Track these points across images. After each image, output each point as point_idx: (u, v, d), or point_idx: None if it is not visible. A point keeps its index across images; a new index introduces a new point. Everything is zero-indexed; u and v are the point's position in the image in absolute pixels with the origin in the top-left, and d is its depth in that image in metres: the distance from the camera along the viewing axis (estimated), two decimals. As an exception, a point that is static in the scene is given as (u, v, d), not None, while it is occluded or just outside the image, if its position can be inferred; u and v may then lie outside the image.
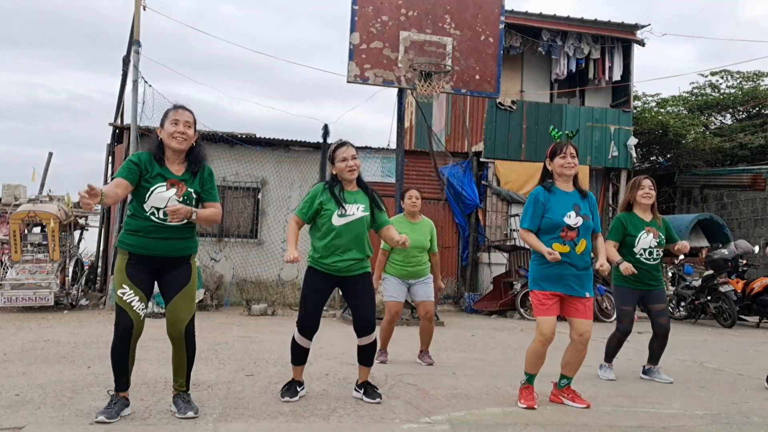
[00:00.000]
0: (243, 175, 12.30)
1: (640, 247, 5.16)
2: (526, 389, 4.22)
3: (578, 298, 4.15)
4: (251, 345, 6.69)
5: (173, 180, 3.59)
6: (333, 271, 4.11)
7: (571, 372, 4.29)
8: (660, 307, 5.27)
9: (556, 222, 4.14)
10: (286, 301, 11.79)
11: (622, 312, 5.32)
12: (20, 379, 4.61)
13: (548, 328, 4.09)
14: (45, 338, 6.83)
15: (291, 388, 4.19)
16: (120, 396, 3.61)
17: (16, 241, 9.95)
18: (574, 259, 4.14)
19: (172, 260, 3.63)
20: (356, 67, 9.44)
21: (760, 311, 10.46)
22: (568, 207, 4.17)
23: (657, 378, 5.26)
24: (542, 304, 4.15)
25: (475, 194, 13.08)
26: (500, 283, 11.92)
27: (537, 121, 13.63)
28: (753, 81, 20.42)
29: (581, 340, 4.15)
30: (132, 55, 11.14)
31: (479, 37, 9.97)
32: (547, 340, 4.10)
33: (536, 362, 4.18)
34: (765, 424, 3.93)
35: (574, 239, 4.14)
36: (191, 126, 3.66)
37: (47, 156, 13.83)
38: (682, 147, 17.44)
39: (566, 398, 4.28)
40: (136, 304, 3.52)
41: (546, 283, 4.16)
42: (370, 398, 4.13)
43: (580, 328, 4.15)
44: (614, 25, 13.87)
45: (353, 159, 4.14)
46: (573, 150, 4.21)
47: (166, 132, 3.59)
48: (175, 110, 3.63)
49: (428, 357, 5.81)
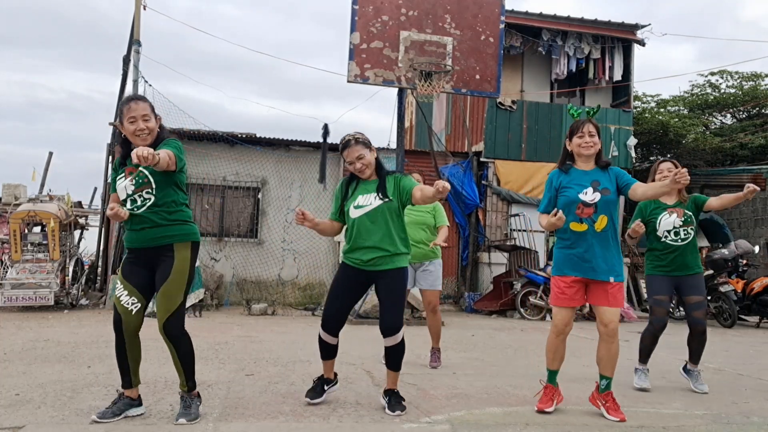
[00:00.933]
0: (243, 175, 12.29)
1: (663, 230, 4.79)
2: (546, 389, 4.01)
3: (602, 283, 3.85)
4: (251, 345, 6.69)
5: (129, 168, 3.53)
6: (359, 265, 3.93)
7: (606, 370, 3.95)
8: (695, 299, 4.81)
9: (570, 199, 3.87)
10: (286, 301, 11.79)
11: (654, 302, 4.83)
12: (20, 378, 4.61)
13: (561, 319, 3.88)
14: (45, 338, 6.83)
15: (317, 388, 4.06)
16: (125, 396, 3.58)
17: (16, 241, 9.95)
18: (594, 237, 3.83)
19: (155, 251, 3.52)
20: (356, 67, 9.44)
21: (760, 311, 10.47)
22: (585, 184, 3.90)
23: (693, 384, 4.88)
24: (562, 293, 3.90)
25: (475, 194, 13.08)
26: (500, 283, 11.92)
27: (537, 121, 13.63)
28: (753, 81, 20.41)
29: (608, 331, 3.85)
30: (132, 54, 11.15)
31: (479, 37, 9.96)
32: (560, 331, 3.89)
33: (553, 356, 3.98)
34: (765, 424, 3.93)
35: (591, 216, 3.84)
36: (149, 118, 3.52)
37: (47, 156, 13.84)
38: (682, 147, 17.45)
39: (603, 405, 3.95)
40: (124, 299, 3.50)
41: (567, 267, 3.89)
42: (391, 410, 3.85)
43: (604, 317, 3.85)
44: (614, 25, 13.87)
45: (359, 160, 3.93)
46: (592, 128, 3.93)
47: (128, 131, 3.51)
48: (128, 106, 3.50)
49: (436, 359, 5.57)
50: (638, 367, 4.98)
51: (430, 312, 5.56)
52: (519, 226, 13.24)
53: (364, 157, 3.94)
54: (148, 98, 3.68)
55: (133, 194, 3.51)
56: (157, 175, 3.49)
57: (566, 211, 3.85)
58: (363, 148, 3.95)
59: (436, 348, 5.64)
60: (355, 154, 3.93)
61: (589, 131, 3.92)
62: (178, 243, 3.54)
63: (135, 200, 3.51)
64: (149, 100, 3.67)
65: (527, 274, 11.19)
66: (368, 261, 3.90)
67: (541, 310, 11.03)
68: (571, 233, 3.90)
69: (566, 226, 3.86)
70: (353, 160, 3.93)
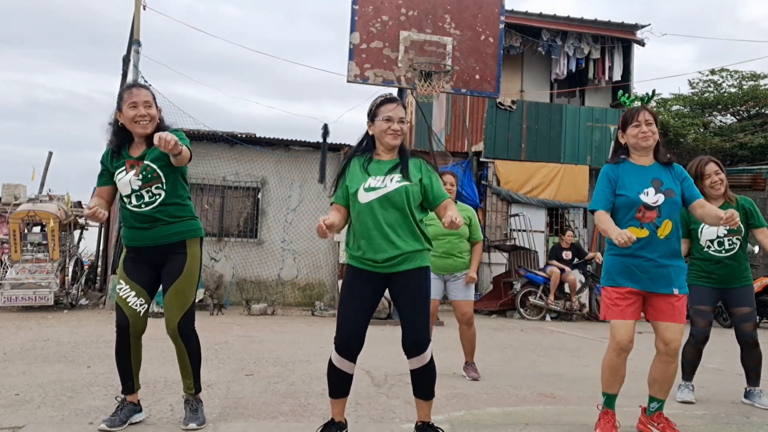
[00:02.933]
0: (243, 175, 12.29)
1: (705, 239, 4.39)
2: (605, 416, 3.48)
3: (664, 296, 3.37)
4: (251, 345, 6.69)
5: (130, 161, 3.34)
6: (371, 267, 3.13)
7: (661, 393, 3.53)
8: (743, 311, 4.38)
9: (630, 200, 3.37)
10: (286, 301, 11.80)
11: (696, 312, 4.40)
12: (20, 378, 4.60)
13: (624, 333, 3.33)
14: (45, 338, 6.83)
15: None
16: (128, 401, 3.43)
17: (16, 241, 9.95)
18: (657, 245, 3.34)
19: (164, 249, 3.36)
20: (356, 67, 9.44)
21: (760, 311, 10.46)
22: (645, 183, 3.39)
23: (757, 403, 4.38)
24: (615, 305, 3.37)
25: (475, 194, 13.08)
26: (500, 283, 11.94)
27: (537, 121, 13.63)
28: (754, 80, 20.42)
29: (668, 350, 3.40)
30: (132, 54, 11.14)
31: (479, 37, 9.97)
32: (622, 348, 3.35)
33: (612, 377, 3.44)
34: (765, 424, 3.93)
35: (654, 221, 3.34)
36: (151, 105, 3.35)
37: (47, 156, 13.84)
38: (682, 147, 17.45)
39: (656, 428, 3.55)
40: (131, 300, 3.32)
41: (621, 277, 3.38)
42: None
43: (667, 335, 3.37)
44: (614, 25, 13.88)
45: (401, 122, 3.19)
46: (649, 116, 3.42)
47: (126, 117, 3.30)
48: (130, 91, 3.33)
49: (474, 370, 5.14)
50: (682, 384, 4.55)
51: (465, 324, 5.19)
52: (519, 226, 13.25)
53: (405, 122, 3.25)
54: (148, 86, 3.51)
55: (140, 190, 3.31)
56: (166, 169, 3.32)
57: (623, 214, 3.40)
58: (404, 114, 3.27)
59: (470, 362, 5.24)
60: (400, 113, 3.20)
61: (645, 119, 3.42)
62: (190, 239, 3.41)
63: (141, 196, 3.31)
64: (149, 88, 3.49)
65: (527, 274, 11.20)
66: (384, 260, 3.09)
67: (540, 311, 11.03)
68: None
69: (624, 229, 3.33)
70: (395, 118, 3.17)
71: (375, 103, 3.25)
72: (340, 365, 3.12)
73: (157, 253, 3.38)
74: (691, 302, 4.33)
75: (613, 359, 3.40)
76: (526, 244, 12.85)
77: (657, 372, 3.50)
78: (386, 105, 3.20)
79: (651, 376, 3.55)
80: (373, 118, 3.22)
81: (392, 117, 3.16)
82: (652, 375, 3.55)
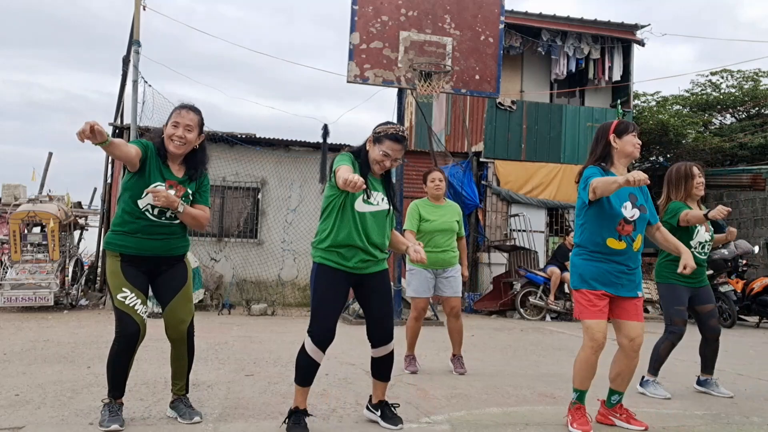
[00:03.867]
0: (243, 175, 12.30)
1: (696, 241, 4.64)
2: (577, 410, 3.61)
3: (629, 299, 3.63)
4: (251, 345, 6.69)
5: (172, 181, 3.48)
6: (348, 269, 3.45)
7: (621, 386, 3.74)
8: (709, 308, 4.73)
9: (614, 212, 3.54)
10: (286, 301, 11.80)
11: (675, 312, 4.66)
12: (20, 378, 4.61)
13: (600, 331, 3.52)
14: (45, 338, 6.83)
15: (299, 421, 3.37)
16: (116, 402, 3.45)
17: (15, 241, 9.95)
18: (631, 256, 3.59)
19: (166, 260, 3.53)
20: (356, 67, 9.43)
21: (760, 311, 10.47)
22: (624, 197, 3.57)
23: (715, 391, 4.73)
24: (593, 305, 3.55)
25: (475, 194, 13.08)
26: (500, 283, 11.93)
27: (537, 121, 13.63)
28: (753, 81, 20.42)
29: (632, 346, 3.62)
30: (132, 54, 11.13)
31: (479, 37, 9.96)
32: (600, 346, 3.55)
33: (587, 374, 3.60)
34: (765, 424, 3.93)
35: (630, 234, 3.56)
36: (192, 129, 3.49)
37: (47, 156, 13.85)
38: (682, 147, 17.46)
39: (618, 419, 3.74)
40: (139, 308, 3.36)
41: (597, 282, 3.57)
42: (390, 423, 3.51)
43: (631, 331, 3.61)
44: (614, 25, 13.88)
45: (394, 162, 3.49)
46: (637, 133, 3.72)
47: (166, 133, 3.47)
48: (179, 111, 3.48)
49: (461, 365, 5.36)
50: (650, 379, 4.75)
51: (453, 317, 5.41)
52: (519, 227, 13.25)
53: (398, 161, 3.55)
54: (200, 111, 3.60)
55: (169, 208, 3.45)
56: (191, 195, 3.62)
57: (606, 225, 3.55)
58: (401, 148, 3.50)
59: (458, 355, 5.45)
60: (399, 154, 3.47)
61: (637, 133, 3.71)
62: (185, 252, 3.71)
63: (164, 211, 3.44)
64: (201, 113, 3.58)
65: (527, 274, 11.20)
66: (356, 263, 3.45)
67: (540, 311, 11.03)
68: (607, 249, 3.57)
69: (602, 241, 3.56)
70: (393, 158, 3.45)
71: (386, 132, 3.45)
72: (313, 355, 3.39)
73: (157, 263, 3.52)
74: (670, 302, 4.70)
75: (589, 357, 3.57)
76: (526, 244, 12.85)
77: (621, 366, 3.70)
78: (393, 143, 3.43)
79: (614, 370, 3.74)
80: (377, 141, 3.46)
81: (391, 155, 3.44)
82: (615, 369, 3.73)
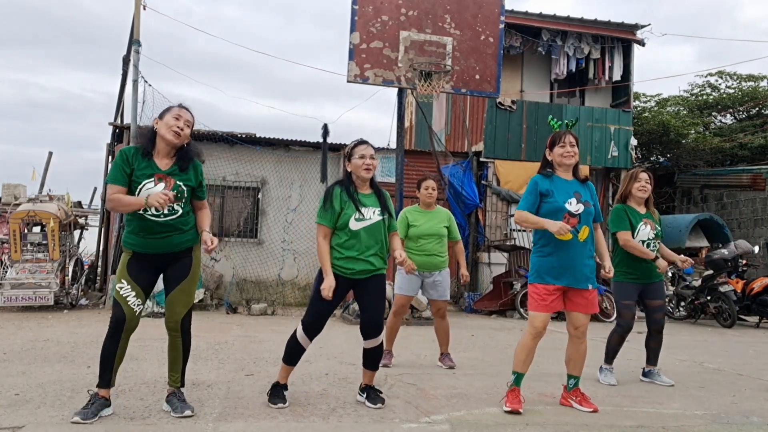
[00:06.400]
0: (243, 175, 12.30)
1: (638, 239, 5.02)
2: (512, 392, 4.05)
3: (581, 291, 4.06)
4: (251, 344, 6.69)
5: (160, 174, 3.59)
6: (349, 275, 3.97)
7: (575, 370, 4.22)
8: (658, 303, 5.17)
9: (557, 207, 4.01)
10: (286, 301, 11.80)
11: (623, 306, 5.14)
12: (20, 378, 4.61)
13: (542, 322, 4.01)
14: (45, 338, 6.83)
15: (279, 393, 4.01)
16: (100, 396, 3.57)
17: (15, 241, 9.94)
18: (578, 247, 4.02)
19: (171, 255, 3.68)
20: (356, 67, 9.43)
21: (760, 311, 10.47)
22: (569, 194, 4.06)
23: (657, 380, 5.16)
24: (542, 300, 4.02)
25: (475, 194, 13.08)
26: (500, 283, 11.92)
27: (537, 120, 13.63)
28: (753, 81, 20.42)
29: (577, 333, 4.12)
30: (132, 54, 11.14)
31: (479, 37, 9.97)
32: (539, 333, 4.02)
33: (526, 358, 4.05)
34: (765, 424, 3.94)
35: (575, 226, 4.01)
36: (190, 126, 3.71)
37: (47, 155, 13.84)
38: (682, 147, 17.46)
39: (575, 401, 4.17)
40: (131, 299, 3.55)
41: (549, 276, 4.03)
42: (372, 403, 4.02)
43: (576, 320, 4.10)
44: (614, 25, 13.87)
45: (371, 158, 4.02)
46: (572, 139, 4.12)
47: (165, 124, 3.60)
48: (180, 108, 3.70)
49: (449, 359, 5.63)
50: (605, 367, 5.21)
51: (440, 317, 5.64)
52: (519, 227, 13.25)
53: (376, 158, 4.07)
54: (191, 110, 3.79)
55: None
56: (189, 189, 3.70)
57: (552, 219, 3.97)
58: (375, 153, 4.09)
59: (446, 353, 5.68)
60: (370, 151, 4.04)
61: (570, 141, 4.10)
62: (195, 245, 3.78)
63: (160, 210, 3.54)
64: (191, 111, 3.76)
65: (527, 274, 11.18)
66: (361, 270, 3.97)
67: (540, 310, 11.01)
68: (555, 242, 4.00)
69: (549, 234, 3.96)
70: (367, 156, 4.00)
71: (350, 147, 4.08)
72: (302, 341, 4.01)
73: (164, 259, 3.68)
74: (618, 297, 5.20)
75: (529, 342, 4.05)
76: (526, 244, 12.85)
77: (571, 351, 4.23)
78: (359, 146, 4.04)
79: (567, 356, 4.27)
80: (350, 158, 4.05)
81: (365, 155, 4.01)
82: (567, 355, 4.26)
